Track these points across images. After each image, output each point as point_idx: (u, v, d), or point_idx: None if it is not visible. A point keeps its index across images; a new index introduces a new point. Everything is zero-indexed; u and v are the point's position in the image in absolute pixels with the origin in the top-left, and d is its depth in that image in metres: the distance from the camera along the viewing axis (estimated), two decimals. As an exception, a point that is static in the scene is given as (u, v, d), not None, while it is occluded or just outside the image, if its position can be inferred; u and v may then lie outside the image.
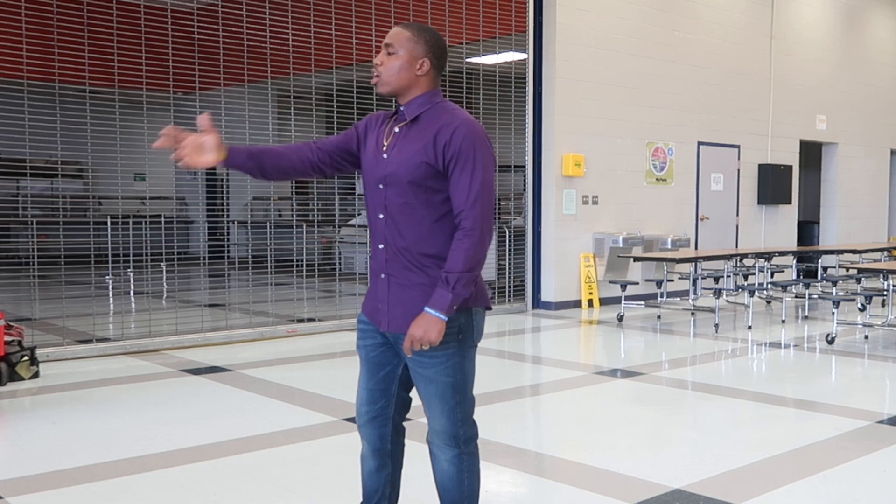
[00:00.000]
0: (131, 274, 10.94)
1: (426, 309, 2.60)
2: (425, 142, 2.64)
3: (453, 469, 2.78)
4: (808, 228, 14.71)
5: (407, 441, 2.94)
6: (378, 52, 2.76)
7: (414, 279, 2.68)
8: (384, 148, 2.72)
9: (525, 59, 10.34)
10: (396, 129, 2.73)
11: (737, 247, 12.70)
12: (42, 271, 7.59)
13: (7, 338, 6.13)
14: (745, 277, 11.07)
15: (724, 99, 12.32)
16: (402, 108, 2.74)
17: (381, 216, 2.71)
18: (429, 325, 2.58)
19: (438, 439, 2.77)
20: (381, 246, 2.73)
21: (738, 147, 12.62)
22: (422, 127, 2.69)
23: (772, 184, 12.97)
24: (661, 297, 10.20)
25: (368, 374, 2.82)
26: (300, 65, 8.79)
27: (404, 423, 2.91)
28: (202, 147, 2.61)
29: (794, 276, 11.74)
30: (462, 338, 2.70)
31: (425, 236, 2.67)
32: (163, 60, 7.92)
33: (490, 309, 2.80)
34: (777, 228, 13.47)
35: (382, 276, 2.73)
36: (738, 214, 12.80)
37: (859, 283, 10.42)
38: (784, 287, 9.58)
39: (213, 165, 2.65)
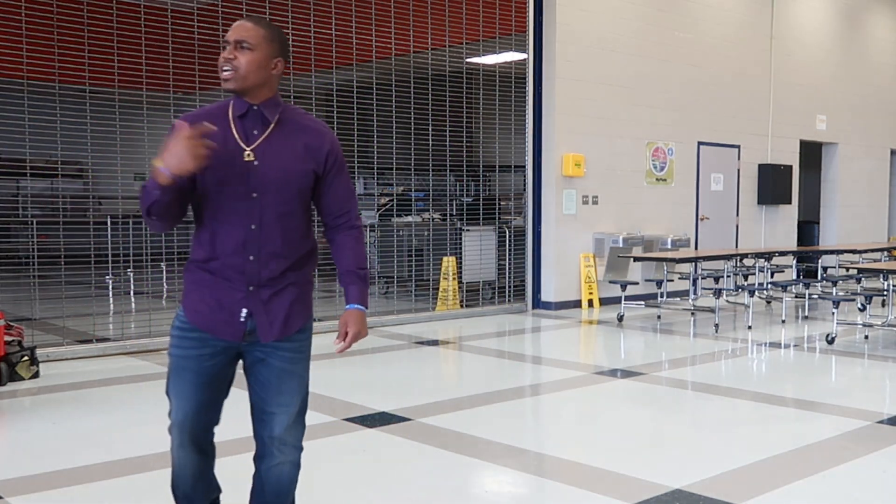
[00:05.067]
0: (131, 274, 10.93)
1: (356, 306, 2.70)
2: (302, 147, 2.63)
3: (295, 472, 2.87)
4: (808, 228, 14.70)
5: None
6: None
7: (289, 283, 2.68)
8: (247, 152, 2.59)
9: (525, 59, 10.34)
10: (256, 132, 2.62)
11: (737, 247, 12.69)
12: (42, 271, 7.59)
13: (7, 338, 6.13)
14: (745, 277, 11.07)
15: (724, 99, 12.32)
16: (254, 107, 2.63)
17: (254, 226, 2.60)
18: (364, 321, 2.72)
19: (290, 436, 2.83)
20: (251, 258, 2.61)
21: (738, 147, 12.62)
22: (288, 131, 2.65)
23: (772, 184, 12.97)
24: (661, 297, 10.20)
25: (205, 387, 2.79)
26: (300, 65, 8.79)
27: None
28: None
29: (794, 276, 11.73)
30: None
31: (300, 239, 2.70)
32: (163, 60, 7.92)
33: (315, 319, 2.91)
34: (777, 228, 13.46)
35: (251, 287, 2.63)
36: (738, 214, 12.79)
37: (859, 283, 10.42)
38: (784, 287, 9.58)
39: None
